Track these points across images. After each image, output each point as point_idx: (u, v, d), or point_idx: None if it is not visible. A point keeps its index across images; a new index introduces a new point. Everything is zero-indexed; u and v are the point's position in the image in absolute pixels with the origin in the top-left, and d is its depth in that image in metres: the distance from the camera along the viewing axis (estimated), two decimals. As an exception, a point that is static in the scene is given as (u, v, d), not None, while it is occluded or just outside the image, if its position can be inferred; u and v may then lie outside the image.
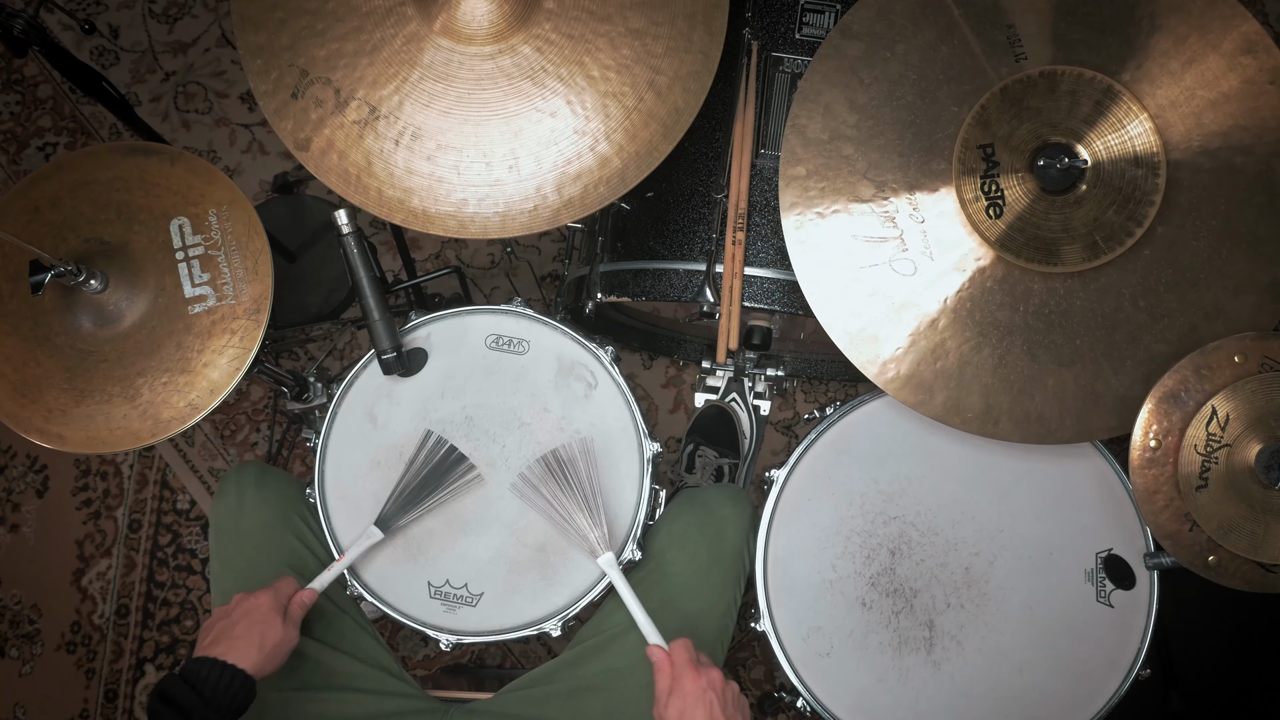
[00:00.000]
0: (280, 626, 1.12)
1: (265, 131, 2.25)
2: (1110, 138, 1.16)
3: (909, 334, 1.20)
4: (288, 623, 1.13)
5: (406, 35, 1.21)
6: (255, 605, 1.12)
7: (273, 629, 1.11)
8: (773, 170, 1.38)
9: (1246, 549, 1.13)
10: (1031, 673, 1.24)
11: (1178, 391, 1.14)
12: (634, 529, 1.27)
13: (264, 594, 1.14)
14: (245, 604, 1.13)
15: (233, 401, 2.13)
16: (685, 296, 1.40)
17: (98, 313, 1.24)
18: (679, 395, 2.10)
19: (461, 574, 1.27)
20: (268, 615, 1.12)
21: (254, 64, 1.22)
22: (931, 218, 1.20)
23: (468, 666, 1.96)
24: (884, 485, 1.30)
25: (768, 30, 1.42)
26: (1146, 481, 1.15)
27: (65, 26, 2.32)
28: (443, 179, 1.21)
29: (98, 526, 2.08)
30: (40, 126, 2.29)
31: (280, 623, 1.12)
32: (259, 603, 1.12)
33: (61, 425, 1.24)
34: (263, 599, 1.13)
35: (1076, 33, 1.19)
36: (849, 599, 1.27)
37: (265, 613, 1.12)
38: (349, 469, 1.31)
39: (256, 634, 1.10)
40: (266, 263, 1.26)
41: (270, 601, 1.13)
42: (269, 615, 1.12)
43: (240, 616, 1.11)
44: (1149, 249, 1.16)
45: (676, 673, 1.06)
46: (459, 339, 1.35)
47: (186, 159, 1.29)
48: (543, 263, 2.17)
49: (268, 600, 1.13)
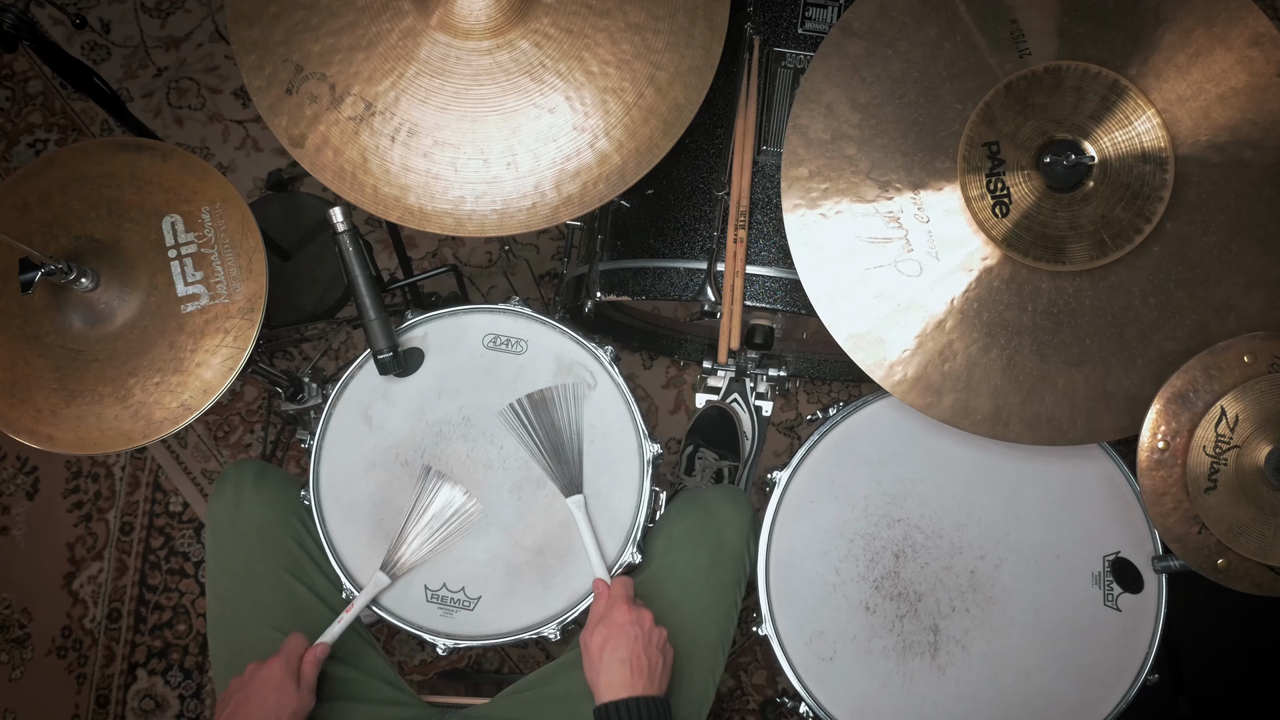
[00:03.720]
0: (294, 694, 1.11)
1: (259, 128, 2.23)
2: (1117, 133, 1.14)
3: (915, 335, 1.19)
4: (302, 688, 1.13)
5: (403, 30, 1.19)
6: (268, 675, 1.11)
7: (288, 699, 1.10)
8: (775, 167, 1.37)
9: (1256, 552, 1.12)
10: (1038, 678, 1.23)
11: (1186, 392, 1.13)
12: (634, 531, 1.26)
13: (275, 662, 1.13)
14: (259, 675, 1.12)
15: (226, 402, 2.11)
16: (686, 295, 1.39)
17: (89, 311, 1.22)
18: (679, 396, 2.08)
19: (459, 577, 1.26)
20: (281, 685, 1.11)
21: (248, 59, 1.21)
22: (936, 217, 1.18)
23: (465, 671, 1.95)
24: (888, 487, 1.28)
25: (769, 25, 1.41)
26: (1154, 483, 1.14)
27: (56, 21, 2.30)
28: (439, 176, 1.20)
29: (89, 529, 2.06)
30: (30, 122, 2.27)
31: (294, 690, 1.11)
32: (272, 673, 1.12)
33: (52, 426, 1.22)
34: (275, 668, 1.12)
35: (1081, 27, 1.18)
36: (852, 603, 1.26)
37: (279, 682, 1.11)
38: (344, 471, 1.29)
39: (272, 706, 1.09)
40: (261, 261, 1.24)
41: (282, 670, 1.12)
42: (283, 684, 1.11)
43: (254, 690, 1.11)
44: (1158, 246, 1.15)
45: (610, 604, 1.14)
46: (456, 338, 1.33)
47: (179, 155, 1.27)
48: (541, 261, 2.16)
49: (280, 669, 1.12)
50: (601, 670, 1.10)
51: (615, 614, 1.13)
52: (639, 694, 1.08)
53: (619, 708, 1.07)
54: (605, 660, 1.10)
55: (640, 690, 1.08)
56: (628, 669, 1.09)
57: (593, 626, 1.14)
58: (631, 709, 1.07)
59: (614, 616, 1.13)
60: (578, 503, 1.26)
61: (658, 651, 1.12)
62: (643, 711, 1.07)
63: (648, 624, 1.13)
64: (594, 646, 1.12)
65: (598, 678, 1.11)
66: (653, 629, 1.13)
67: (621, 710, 1.07)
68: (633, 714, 1.07)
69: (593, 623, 1.15)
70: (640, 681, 1.09)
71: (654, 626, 1.13)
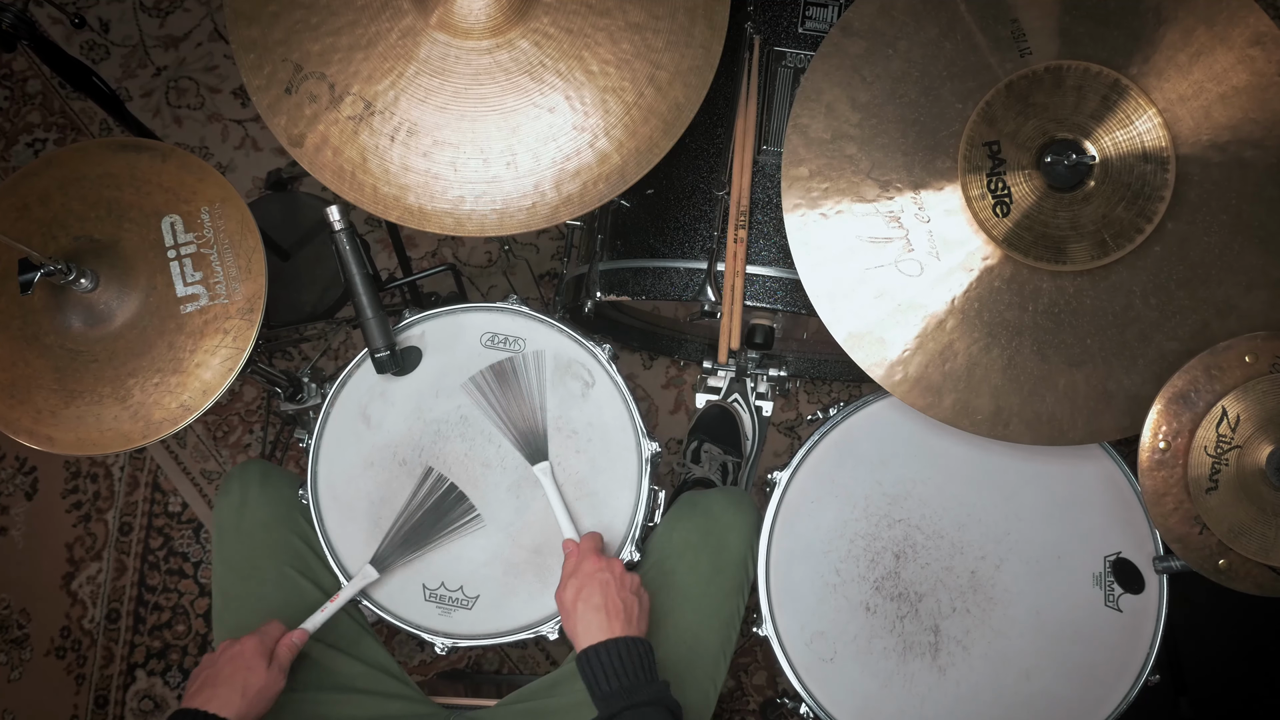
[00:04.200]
0: (264, 671, 1.10)
1: (258, 127, 2.23)
2: (1118, 133, 1.14)
3: (916, 335, 1.18)
4: (273, 667, 1.12)
5: (402, 29, 1.19)
6: (239, 651, 1.11)
7: (256, 674, 1.10)
8: (775, 167, 1.37)
9: (1257, 552, 1.11)
10: (1039, 678, 1.23)
11: (1187, 392, 1.12)
12: (632, 530, 1.26)
13: (249, 639, 1.13)
14: (230, 650, 1.12)
15: (226, 402, 2.10)
16: (686, 295, 1.39)
17: (88, 312, 1.22)
18: (680, 396, 2.08)
19: (457, 576, 1.26)
20: (251, 661, 1.11)
21: (247, 59, 1.20)
22: (937, 217, 1.18)
23: (465, 672, 1.94)
24: (888, 487, 1.28)
25: (770, 24, 1.41)
26: (1155, 484, 1.14)
27: (55, 20, 2.29)
28: (439, 176, 1.20)
29: (88, 530, 2.06)
30: (29, 122, 2.26)
31: (264, 667, 1.11)
32: (243, 649, 1.11)
33: (51, 426, 1.22)
34: (247, 644, 1.12)
35: (1082, 26, 1.18)
36: (853, 603, 1.25)
37: (249, 658, 1.11)
38: (342, 470, 1.29)
39: (239, 680, 1.09)
40: (260, 261, 1.24)
41: (255, 646, 1.12)
42: (253, 660, 1.11)
43: (224, 664, 1.11)
44: (1159, 245, 1.15)
45: (580, 557, 1.14)
46: (454, 337, 1.33)
47: (178, 155, 1.27)
48: (541, 261, 2.15)
49: (252, 645, 1.12)
50: (578, 619, 1.09)
51: (585, 565, 1.13)
52: (618, 635, 1.07)
53: (599, 650, 1.06)
54: (580, 610, 1.09)
55: (619, 632, 1.07)
56: (604, 614, 1.08)
57: (564, 581, 1.14)
58: (611, 650, 1.06)
59: (584, 568, 1.13)
60: (544, 469, 1.26)
61: (632, 595, 1.11)
62: (623, 652, 1.06)
63: (618, 570, 1.13)
64: (568, 599, 1.11)
65: (575, 628, 1.10)
66: (624, 574, 1.13)
67: (601, 652, 1.06)
68: (613, 655, 1.06)
69: (564, 578, 1.14)
70: (618, 624, 1.08)
71: (626, 572, 1.13)
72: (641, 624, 1.11)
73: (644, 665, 1.06)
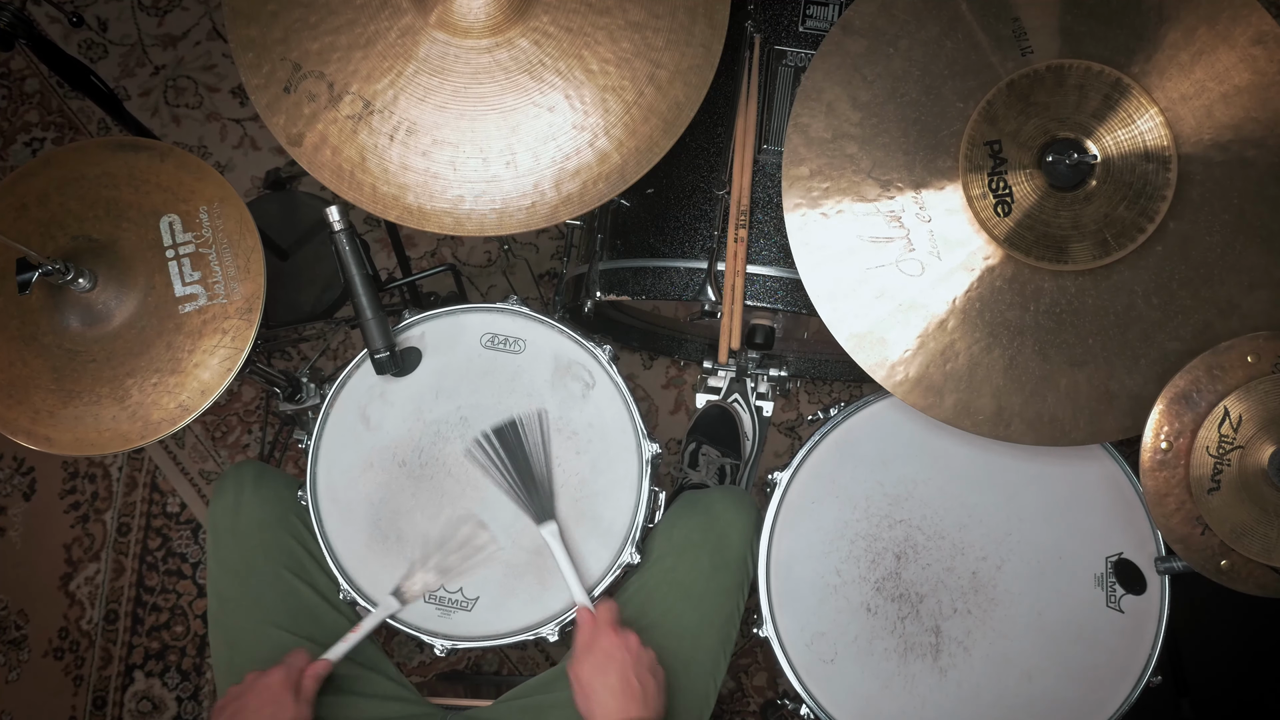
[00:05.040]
0: (292, 705, 1.09)
1: (257, 127, 2.23)
2: (1120, 132, 1.14)
3: (917, 335, 1.18)
4: (300, 701, 1.11)
5: (401, 28, 1.19)
6: (267, 685, 1.10)
7: (284, 710, 1.09)
8: (775, 166, 1.37)
9: (1259, 553, 1.11)
10: (1040, 679, 1.22)
11: (1189, 392, 1.12)
12: (633, 531, 1.25)
13: (276, 671, 1.11)
14: (258, 684, 1.10)
15: (224, 403, 2.10)
16: (686, 295, 1.38)
17: (86, 312, 1.21)
18: (680, 396, 2.08)
19: (457, 578, 1.25)
20: (279, 695, 1.09)
21: (245, 58, 1.20)
22: (938, 216, 1.18)
23: (464, 673, 1.94)
24: (889, 488, 1.28)
25: (770, 23, 1.41)
26: (1157, 484, 1.13)
27: (53, 19, 2.29)
28: (438, 175, 1.19)
29: (86, 530, 2.05)
30: (27, 121, 2.26)
31: (292, 702, 1.10)
32: (270, 682, 1.10)
33: (49, 427, 1.21)
34: (275, 677, 1.11)
35: (1083, 25, 1.17)
36: (853, 604, 1.25)
37: (277, 692, 1.10)
38: (341, 471, 1.29)
39: (268, 715, 1.08)
40: (259, 261, 1.24)
41: (282, 680, 1.11)
42: (280, 695, 1.09)
43: (251, 698, 1.09)
44: (1161, 245, 1.14)
45: (595, 631, 1.12)
46: (454, 338, 1.32)
47: (177, 155, 1.26)
48: (540, 261, 2.15)
49: (280, 679, 1.11)
50: (594, 700, 1.07)
51: (601, 641, 1.11)
52: (634, 718, 1.06)
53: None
54: (596, 689, 1.08)
55: (635, 714, 1.06)
56: (621, 697, 1.06)
57: (580, 656, 1.12)
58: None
59: (600, 644, 1.11)
60: (551, 531, 1.23)
61: (648, 673, 1.09)
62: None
63: (634, 646, 1.10)
64: (584, 677, 1.10)
65: (591, 708, 1.08)
66: (640, 651, 1.11)
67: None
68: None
69: (579, 652, 1.12)
70: (634, 706, 1.06)
71: (641, 648, 1.11)
72: (657, 704, 1.09)
73: None
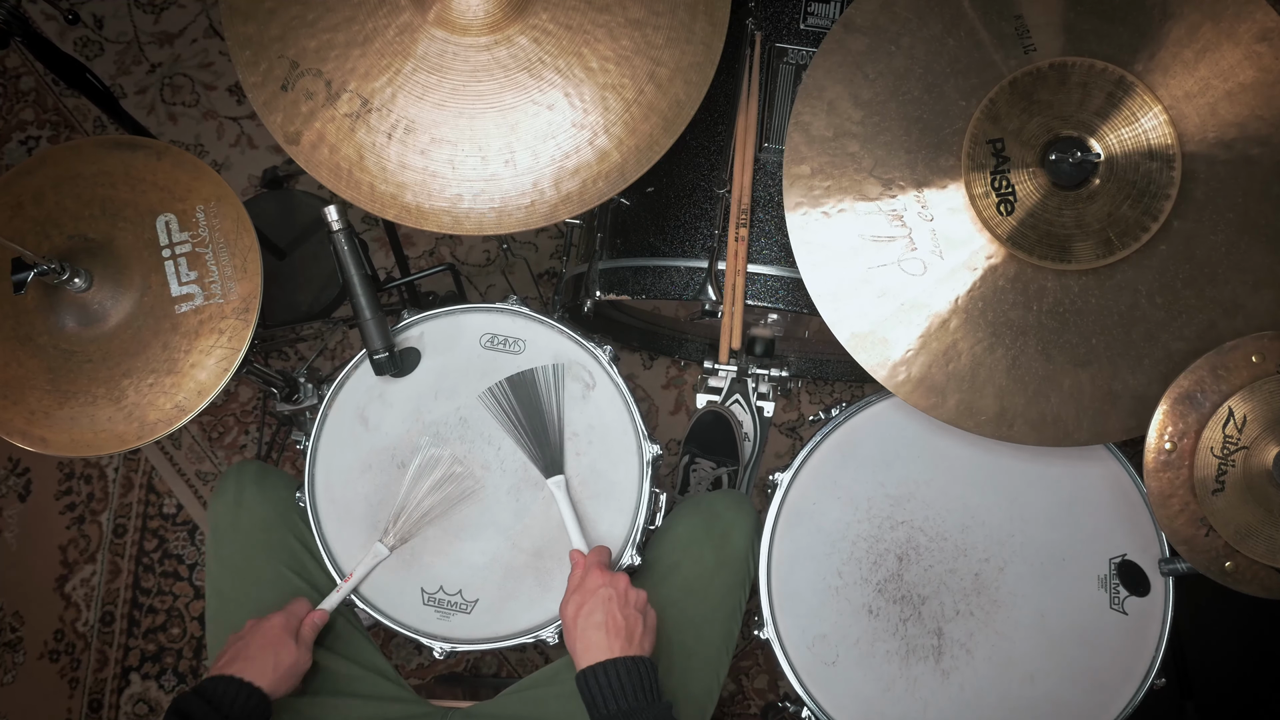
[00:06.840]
0: (293, 648, 1.14)
1: (254, 125, 2.22)
2: (1123, 130, 1.13)
3: (919, 335, 1.17)
4: (300, 645, 1.15)
5: (399, 26, 1.18)
6: (269, 627, 1.14)
7: (286, 650, 1.13)
8: (776, 165, 1.36)
9: (1264, 554, 1.11)
10: (1043, 682, 1.22)
11: (1193, 392, 1.11)
12: (633, 533, 1.24)
13: (276, 616, 1.15)
14: (259, 626, 1.14)
15: (221, 403, 2.09)
16: (687, 294, 1.38)
17: (82, 312, 1.21)
18: (680, 396, 2.07)
19: (456, 580, 1.24)
20: (280, 637, 1.13)
21: (242, 55, 1.19)
22: (940, 215, 1.17)
23: (463, 676, 1.93)
24: (891, 489, 1.27)
25: (771, 21, 1.40)
26: (1161, 485, 1.13)
27: (48, 16, 2.28)
28: (437, 174, 1.19)
29: (81, 531, 2.04)
30: (22, 119, 2.25)
31: (293, 645, 1.14)
32: (272, 625, 1.14)
33: (44, 427, 1.21)
34: (275, 621, 1.15)
35: (1086, 22, 1.17)
36: (855, 606, 1.24)
37: (278, 634, 1.13)
38: (340, 472, 1.28)
39: (270, 655, 1.11)
40: (255, 260, 1.23)
41: (283, 623, 1.15)
42: (282, 637, 1.13)
43: (254, 639, 1.13)
44: (1165, 244, 1.14)
45: (585, 571, 1.13)
46: (453, 338, 1.32)
47: (173, 153, 1.26)
48: (540, 260, 2.14)
49: (280, 622, 1.15)
50: (579, 636, 1.07)
51: (589, 580, 1.11)
52: (618, 655, 1.05)
53: (598, 671, 1.04)
54: (581, 626, 1.07)
55: (619, 651, 1.05)
56: (604, 632, 1.06)
57: (568, 596, 1.12)
58: (611, 670, 1.03)
59: (587, 583, 1.11)
60: (558, 483, 1.25)
61: (635, 612, 1.09)
62: (622, 672, 1.03)
63: (622, 585, 1.10)
64: (569, 614, 1.10)
65: (575, 644, 1.08)
66: (629, 590, 1.10)
67: (600, 673, 1.04)
68: (612, 676, 1.03)
69: (568, 593, 1.13)
70: (618, 643, 1.05)
71: (630, 588, 1.11)
72: (645, 642, 1.08)
73: (645, 686, 1.04)
